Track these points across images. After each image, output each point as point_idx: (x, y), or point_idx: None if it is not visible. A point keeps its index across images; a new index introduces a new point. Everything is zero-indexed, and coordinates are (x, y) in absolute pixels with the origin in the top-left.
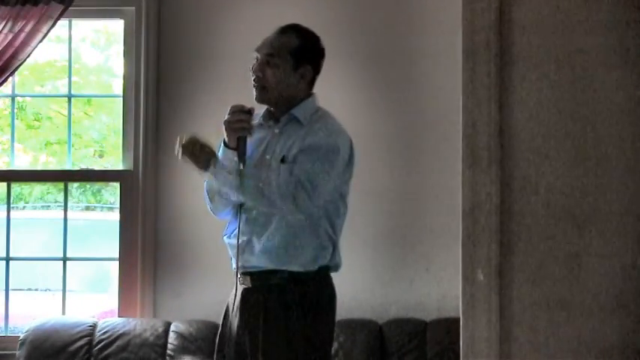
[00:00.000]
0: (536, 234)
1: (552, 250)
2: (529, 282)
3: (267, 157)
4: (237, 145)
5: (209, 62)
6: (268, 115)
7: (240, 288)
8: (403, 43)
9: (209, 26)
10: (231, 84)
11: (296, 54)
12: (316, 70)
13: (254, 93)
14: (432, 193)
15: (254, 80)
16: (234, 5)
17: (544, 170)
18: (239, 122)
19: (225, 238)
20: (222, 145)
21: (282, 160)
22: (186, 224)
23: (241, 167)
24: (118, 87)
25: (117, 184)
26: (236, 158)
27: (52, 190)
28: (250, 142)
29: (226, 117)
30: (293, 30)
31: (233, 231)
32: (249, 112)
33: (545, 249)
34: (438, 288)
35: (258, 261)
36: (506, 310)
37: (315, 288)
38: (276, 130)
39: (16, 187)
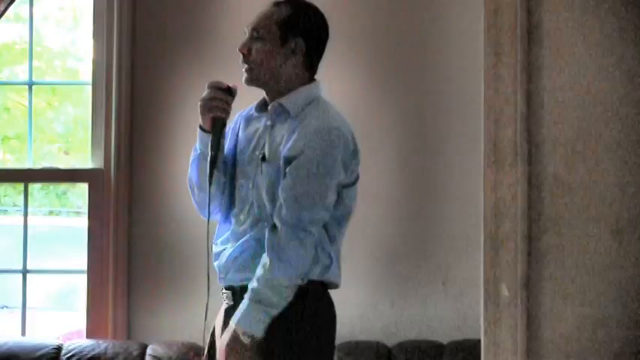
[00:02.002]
0: (569, 242)
1: (587, 260)
2: (560, 297)
3: (257, 153)
4: (213, 129)
5: (191, 44)
6: (262, 105)
7: (224, 306)
8: (416, 26)
9: (191, 3)
10: (217, 69)
11: (284, 25)
12: (312, 47)
13: (243, 75)
14: (449, 196)
15: (241, 61)
16: None
17: (577, 169)
18: (213, 100)
19: (213, 245)
20: (199, 128)
21: (263, 158)
22: (165, 232)
23: (212, 154)
24: (86, 73)
25: (85, 185)
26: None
27: (10, 192)
28: (244, 136)
29: (203, 94)
30: (288, 2)
31: (219, 237)
32: (228, 90)
33: (578, 259)
34: (455, 305)
35: (236, 274)
36: (535, 330)
37: (307, 306)
38: (268, 122)
39: None
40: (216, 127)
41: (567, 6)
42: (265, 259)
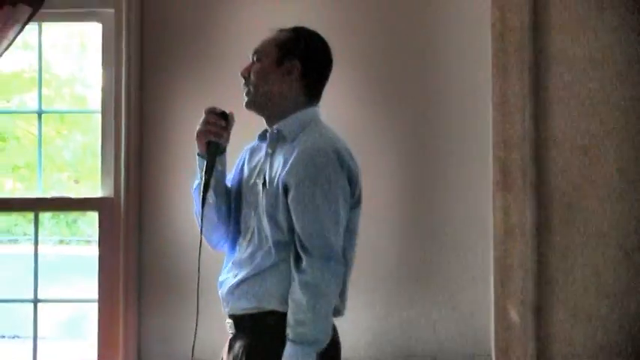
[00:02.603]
0: (579, 265)
1: (598, 284)
2: (571, 322)
3: (258, 181)
4: (206, 152)
5: (199, 72)
6: (263, 134)
7: (229, 335)
8: (423, 45)
9: (198, 30)
10: (227, 96)
11: (282, 47)
12: (310, 70)
13: None
14: (458, 219)
15: (242, 85)
16: (225, 7)
17: (586, 192)
18: (207, 125)
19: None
20: (197, 155)
21: (264, 184)
22: (175, 260)
23: (204, 177)
24: (95, 101)
25: (95, 214)
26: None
27: (21, 222)
28: (248, 167)
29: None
30: (291, 28)
31: (225, 266)
32: (223, 115)
33: (589, 282)
34: (466, 330)
35: (237, 303)
36: (544, 354)
37: None
38: (269, 150)
39: None
40: (210, 151)
41: (574, 29)
42: (299, 296)
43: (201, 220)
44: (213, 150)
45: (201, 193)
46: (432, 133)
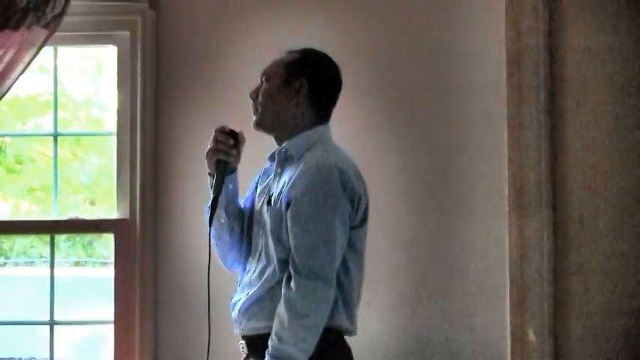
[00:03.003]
0: (596, 286)
1: (615, 304)
2: (589, 343)
3: (265, 200)
4: (215, 170)
5: (214, 93)
6: (273, 154)
7: (243, 355)
8: (438, 66)
9: (213, 52)
10: (241, 118)
11: (289, 67)
12: (318, 90)
13: None
14: (474, 240)
15: (251, 106)
16: (240, 29)
17: (602, 212)
18: (216, 144)
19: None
20: (208, 176)
21: (269, 203)
22: (191, 281)
23: (213, 195)
24: (110, 123)
25: (111, 236)
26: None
27: (37, 244)
28: (261, 187)
29: None
30: (299, 50)
31: (238, 288)
32: (232, 134)
33: (606, 303)
34: (482, 350)
35: (248, 324)
36: None
37: (319, 354)
38: (278, 170)
39: None
40: (219, 169)
41: (589, 50)
42: (282, 312)
43: (209, 237)
44: (222, 168)
45: (210, 210)
46: (446, 154)
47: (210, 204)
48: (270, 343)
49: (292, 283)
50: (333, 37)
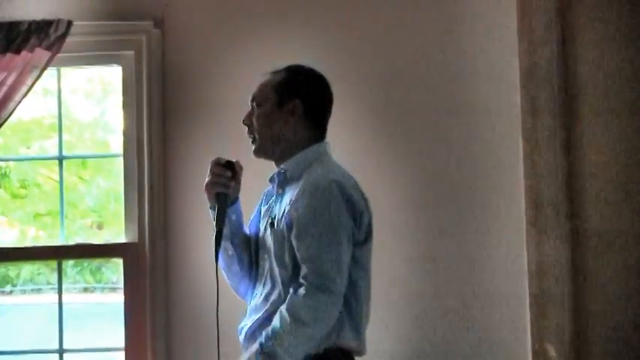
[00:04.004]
0: (616, 299)
1: (636, 319)
2: (610, 358)
3: (268, 223)
4: (216, 203)
5: (222, 113)
6: (273, 176)
7: None
8: (450, 84)
9: (221, 72)
10: (248, 139)
11: (280, 88)
12: (312, 107)
13: None
14: (492, 256)
15: (247, 133)
16: (248, 48)
17: (622, 226)
18: (212, 177)
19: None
20: (209, 209)
21: (272, 225)
22: (204, 306)
23: (216, 229)
24: (116, 145)
25: (120, 260)
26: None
27: (44, 270)
28: (263, 211)
29: None
30: (284, 69)
31: (247, 313)
32: (229, 165)
33: (628, 316)
34: None
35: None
36: None
37: None
38: (279, 191)
39: (0, 268)
40: (219, 203)
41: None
42: (285, 315)
43: (216, 271)
44: (223, 201)
45: (214, 246)
46: (462, 169)
47: (214, 239)
48: (264, 335)
49: (302, 290)
50: (343, 57)
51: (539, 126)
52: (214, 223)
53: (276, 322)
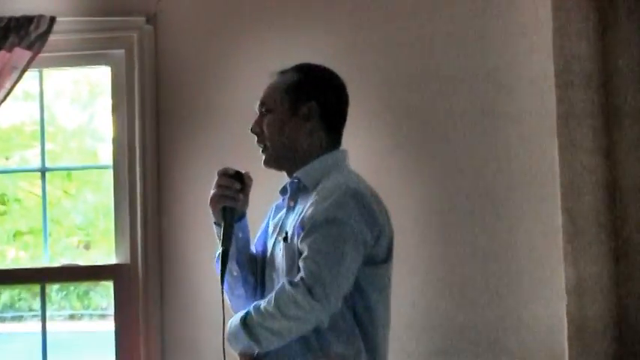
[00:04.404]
0: None
1: None
2: None
3: (279, 238)
4: (222, 219)
5: (221, 118)
6: (284, 188)
7: None
8: (482, 90)
9: (219, 72)
10: (249, 147)
11: (293, 91)
12: (329, 110)
13: None
14: (525, 276)
15: (256, 142)
16: (246, 45)
17: None
18: (219, 189)
19: None
20: (213, 224)
21: (285, 239)
22: (203, 335)
23: (222, 248)
24: (106, 155)
25: (110, 284)
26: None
27: (25, 295)
28: (272, 225)
29: None
30: (293, 68)
31: None
32: (237, 176)
33: None
34: None
35: None
36: None
37: None
38: (290, 203)
39: None
40: (225, 219)
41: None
42: (272, 298)
43: (222, 294)
44: (230, 216)
45: (221, 267)
46: (490, 180)
47: (219, 258)
48: (252, 306)
49: (295, 282)
50: (361, 56)
51: (577, 130)
52: (219, 241)
53: (264, 301)
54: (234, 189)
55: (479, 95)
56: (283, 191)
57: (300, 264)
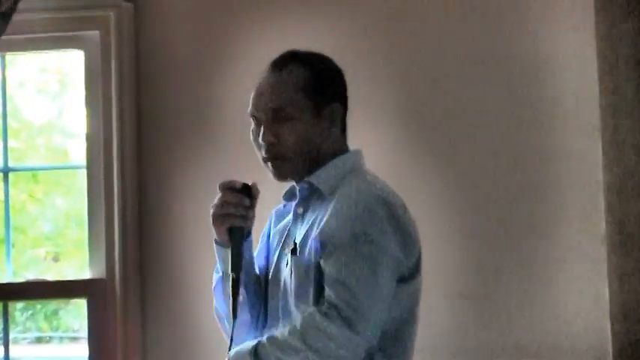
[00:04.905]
0: None
1: None
2: None
3: (286, 250)
4: (230, 241)
5: (209, 109)
6: (291, 192)
7: None
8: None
9: (207, 57)
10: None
11: (313, 91)
12: (346, 108)
13: (270, 172)
14: (563, 294)
15: (265, 153)
16: (237, 28)
17: None
18: (226, 206)
19: None
20: (214, 243)
21: (293, 251)
22: (189, 357)
23: (233, 276)
24: (78, 154)
25: (83, 302)
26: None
27: None
28: (274, 235)
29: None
30: (293, 60)
31: None
32: (245, 190)
33: None
34: None
35: None
36: None
37: None
38: (299, 210)
39: None
40: (234, 241)
41: None
42: (295, 328)
43: (232, 331)
44: (239, 237)
45: (232, 297)
46: (520, 185)
47: (220, 283)
48: (266, 337)
49: (325, 311)
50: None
51: (623, 126)
52: (220, 262)
53: (284, 331)
54: (243, 205)
55: (510, 86)
56: (290, 196)
57: (329, 290)
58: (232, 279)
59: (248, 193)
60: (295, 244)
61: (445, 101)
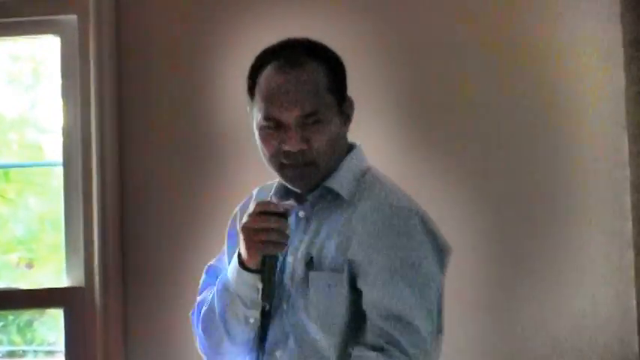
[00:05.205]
0: None
1: None
2: None
3: (289, 260)
4: (262, 269)
5: (203, 106)
6: (284, 191)
7: None
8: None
9: (195, 44)
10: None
11: (337, 88)
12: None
13: (286, 179)
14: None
15: (291, 160)
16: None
17: None
18: (267, 233)
19: None
20: (237, 260)
21: (309, 265)
22: None
23: (267, 307)
24: (54, 150)
25: (59, 312)
26: (259, 287)
27: None
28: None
29: (246, 219)
30: (311, 55)
31: None
32: (286, 215)
33: None
34: None
35: None
36: None
37: None
38: (301, 214)
39: None
40: (269, 269)
41: None
42: None
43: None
44: (273, 266)
45: (261, 328)
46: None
47: (260, 316)
48: None
49: (391, 353)
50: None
51: None
52: (249, 290)
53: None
54: (284, 232)
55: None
56: (285, 193)
57: (382, 322)
58: (263, 307)
59: (286, 217)
60: (311, 257)
61: (458, 96)
